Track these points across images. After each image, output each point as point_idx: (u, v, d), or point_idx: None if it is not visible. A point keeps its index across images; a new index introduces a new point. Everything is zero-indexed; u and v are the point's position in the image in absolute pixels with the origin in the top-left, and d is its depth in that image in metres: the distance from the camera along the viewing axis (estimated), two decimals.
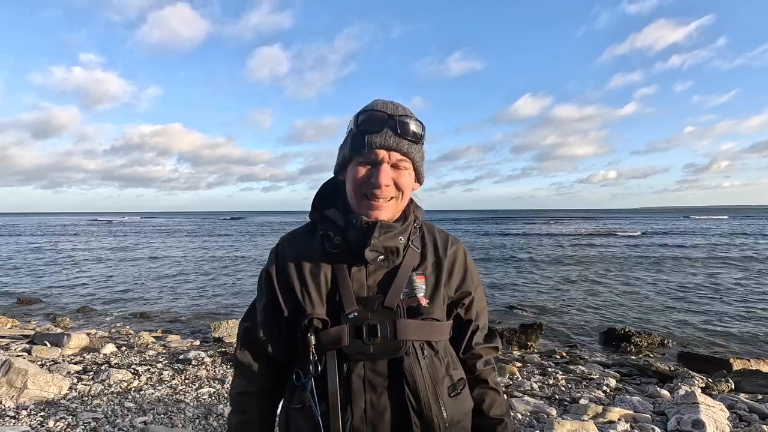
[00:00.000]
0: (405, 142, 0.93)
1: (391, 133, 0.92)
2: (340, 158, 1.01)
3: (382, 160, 0.92)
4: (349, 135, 0.97)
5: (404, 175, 0.95)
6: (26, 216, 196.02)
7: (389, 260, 0.98)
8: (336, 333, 0.91)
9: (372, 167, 0.93)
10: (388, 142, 0.91)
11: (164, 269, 18.31)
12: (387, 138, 0.91)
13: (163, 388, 4.21)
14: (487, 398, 1.06)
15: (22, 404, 3.52)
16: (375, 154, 0.92)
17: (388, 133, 0.91)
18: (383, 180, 0.91)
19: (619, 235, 39.06)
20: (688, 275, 15.55)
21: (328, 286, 0.96)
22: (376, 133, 0.91)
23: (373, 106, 0.95)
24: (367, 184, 0.93)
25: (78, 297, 12.37)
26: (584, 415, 3.82)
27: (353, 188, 0.96)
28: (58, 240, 35.57)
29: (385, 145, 0.91)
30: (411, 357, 0.91)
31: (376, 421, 0.89)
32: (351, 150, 0.95)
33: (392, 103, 0.97)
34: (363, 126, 0.92)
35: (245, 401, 1.03)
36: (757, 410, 4.09)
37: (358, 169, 0.94)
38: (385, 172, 0.92)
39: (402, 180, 0.95)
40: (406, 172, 0.96)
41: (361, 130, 0.92)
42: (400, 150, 0.93)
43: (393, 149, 0.92)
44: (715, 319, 9.57)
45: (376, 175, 0.92)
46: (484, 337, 1.09)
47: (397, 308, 0.93)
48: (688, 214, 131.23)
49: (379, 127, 0.91)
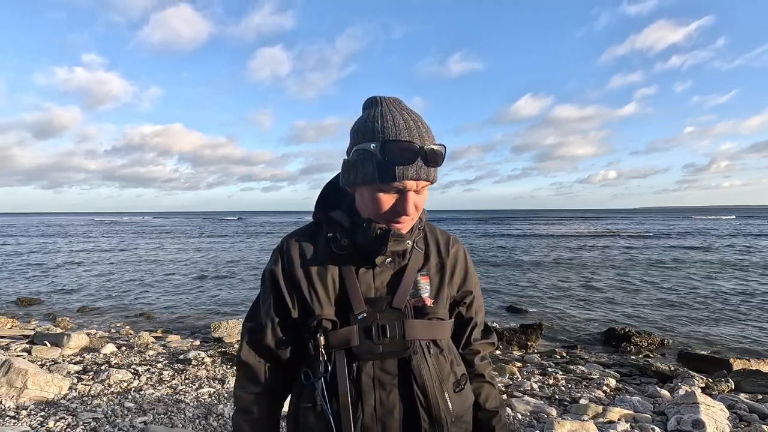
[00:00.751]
0: (433, 171, 0.91)
1: (423, 165, 0.88)
2: (354, 175, 0.92)
3: (410, 189, 0.90)
4: (371, 159, 0.88)
5: (423, 194, 0.95)
6: (24, 216, 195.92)
7: (395, 262, 1.00)
8: (345, 333, 0.93)
9: (399, 196, 0.91)
10: (420, 174, 0.88)
11: (164, 269, 18.30)
12: (418, 169, 0.87)
13: (163, 388, 4.21)
14: (483, 391, 1.11)
15: (22, 404, 3.52)
16: (404, 185, 0.88)
17: (420, 164, 0.87)
18: (411, 210, 0.91)
19: (618, 235, 39.07)
20: (688, 275, 15.54)
21: (336, 287, 0.97)
22: (408, 165, 0.86)
23: (399, 135, 0.87)
24: (392, 212, 0.92)
25: (78, 297, 12.37)
26: (584, 415, 3.82)
27: (375, 212, 0.93)
28: (58, 240, 35.57)
29: (417, 177, 0.88)
30: (419, 356, 0.94)
31: (386, 419, 0.91)
32: (378, 177, 0.87)
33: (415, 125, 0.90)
34: (392, 157, 0.86)
35: (251, 401, 1.03)
36: (757, 410, 4.09)
37: (380, 197, 0.91)
38: (412, 200, 0.91)
39: (420, 201, 0.95)
40: (425, 192, 0.96)
41: (390, 160, 0.86)
42: (429, 179, 0.90)
43: (423, 179, 0.89)
44: (716, 319, 9.57)
45: (403, 205, 0.91)
46: (482, 333, 1.14)
47: (405, 309, 0.95)
48: (688, 214, 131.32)
49: (410, 160, 0.86)
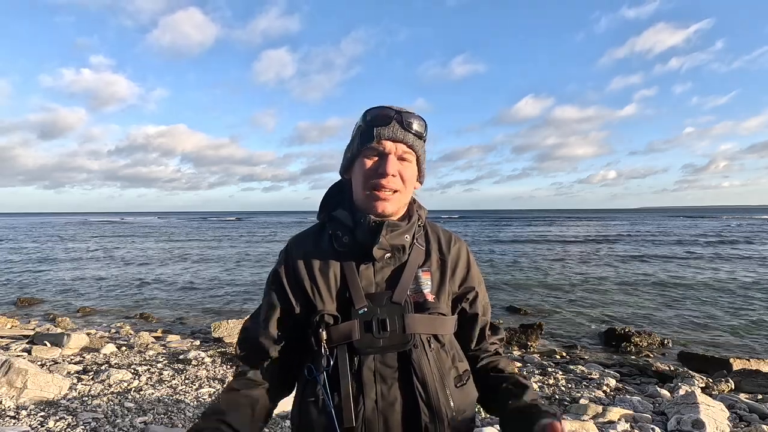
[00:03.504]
0: (410, 136, 1.00)
1: (398, 126, 0.98)
2: (347, 156, 1.06)
3: (389, 152, 0.98)
4: (357, 131, 1.03)
5: (409, 168, 1.02)
6: (23, 216, 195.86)
7: (396, 257, 1.02)
8: (347, 328, 0.95)
9: (380, 158, 0.99)
10: (396, 134, 0.98)
11: (164, 269, 18.31)
12: (395, 130, 0.98)
13: (163, 388, 4.21)
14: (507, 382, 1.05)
15: (22, 404, 3.52)
16: (383, 145, 0.98)
17: (395, 126, 0.98)
18: (390, 169, 0.97)
19: (618, 235, 39.06)
20: (688, 275, 15.53)
21: (338, 283, 1.00)
22: (385, 126, 0.98)
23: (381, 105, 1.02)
24: (374, 174, 0.98)
25: (78, 297, 12.38)
26: (584, 415, 3.82)
27: (361, 180, 1.01)
28: (58, 241, 35.57)
29: (393, 136, 0.98)
30: (419, 350, 0.95)
31: (387, 412, 0.92)
32: (360, 143, 1.00)
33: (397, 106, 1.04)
34: (372, 120, 0.99)
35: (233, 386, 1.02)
36: (757, 410, 4.09)
37: (365, 161, 1.00)
38: (392, 162, 0.98)
39: (407, 173, 1.01)
40: (410, 165, 1.02)
41: (369, 124, 0.99)
42: (406, 142, 0.99)
43: (400, 141, 0.98)
44: (716, 319, 9.57)
45: (384, 164, 0.97)
46: (491, 330, 1.16)
47: (405, 303, 0.97)
48: (689, 214, 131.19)
49: (387, 120, 0.98)
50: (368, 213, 1.00)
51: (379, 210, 0.99)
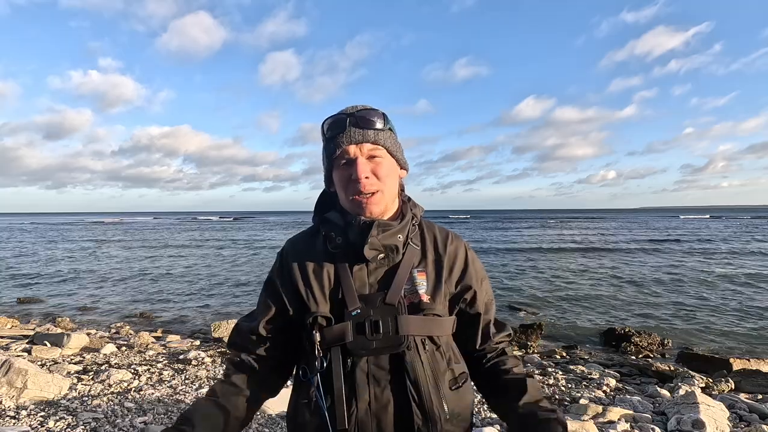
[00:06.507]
0: (370, 132, 0.98)
1: (355, 128, 0.97)
2: (325, 172, 1.06)
3: (355, 156, 0.97)
4: (323, 146, 1.03)
5: (382, 165, 1.00)
6: (24, 216, 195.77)
7: (389, 258, 1.01)
8: (340, 330, 0.94)
9: (349, 165, 0.98)
10: (355, 137, 0.97)
11: (164, 269, 18.30)
12: (352, 133, 0.97)
13: (163, 388, 4.21)
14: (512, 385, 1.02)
15: (22, 404, 3.52)
16: (347, 151, 0.97)
17: (351, 129, 0.97)
18: (361, 173, 0.96)
19: (618, 235, 39.06)
20: (688, 275, 15.53)
21: (331, 285, 1.00)
22: (342, 132, 0.97)
23: (334, 114, 1.02)
24: (349, 181, 0.98)
25: (78, 297, 12.37)
26: (584, 415, 3.82)
27: (342, 193, 1.00)
28: (58, 241, 35.56)
29: (353, 140, 0.97)
30: (412, 351, 0.94)
31: (380, 414, 0.92)
32: (326, 157, 1.01)
33: (351, 106, 1.03)
34: (329, 131, 1.00)
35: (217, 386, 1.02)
36: (757, 410, 4.09)
37: (339, 172, 1.00)
38: (361, 165, 0.96)
39: (380, 170, 0.99)
40: (382, 161, 1.00)
41: (328, 136, 1.00)
42: (368, 140, 0.97)
43: (361, 142, 0.97)
44: (715, 319, 9.57)
45: (354, 170, 0.96)
46: (496, 327, 1.11)
47: (398, 304, 0.96)
48: (689, 214, 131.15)
49: (342, 126, 0.98)
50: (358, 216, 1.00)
51: (366, 213, 0.99)
